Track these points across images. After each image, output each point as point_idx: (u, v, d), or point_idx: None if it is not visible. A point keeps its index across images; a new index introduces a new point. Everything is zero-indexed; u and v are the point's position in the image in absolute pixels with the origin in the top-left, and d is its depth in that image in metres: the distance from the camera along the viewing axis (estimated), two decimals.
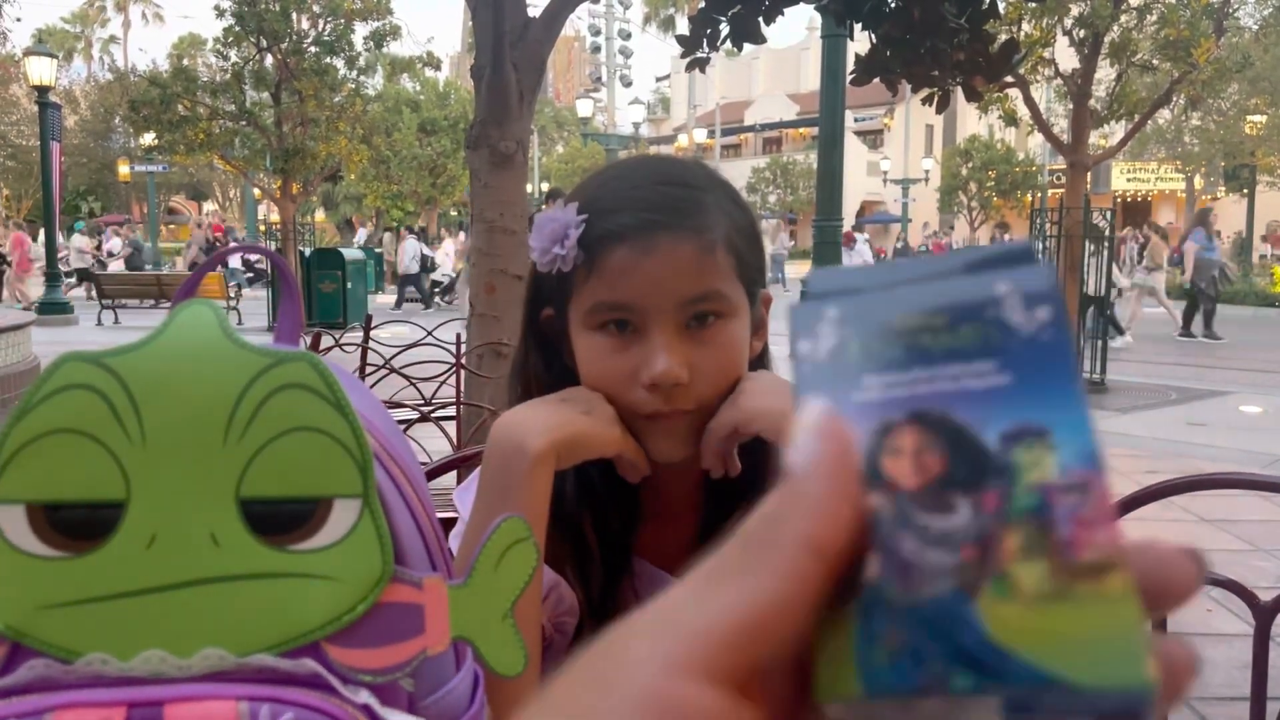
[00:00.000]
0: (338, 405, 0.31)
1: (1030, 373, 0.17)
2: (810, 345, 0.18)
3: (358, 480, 0.31)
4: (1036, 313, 0.17)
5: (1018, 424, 0.17)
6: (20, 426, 0.29)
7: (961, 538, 0.16)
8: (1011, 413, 0.17)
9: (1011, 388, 0.17)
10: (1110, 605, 0.15)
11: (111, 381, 0.30)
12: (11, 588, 0.29)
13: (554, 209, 0.58)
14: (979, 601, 0.16)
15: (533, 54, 2.52)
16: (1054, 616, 0.15)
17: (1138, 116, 7.30)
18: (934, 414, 0.17)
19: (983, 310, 0.17)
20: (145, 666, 0.29)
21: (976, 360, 0.17)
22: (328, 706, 0.30)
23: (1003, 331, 0.17)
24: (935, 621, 0.16)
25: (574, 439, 0.53)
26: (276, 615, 0.30)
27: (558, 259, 0.57)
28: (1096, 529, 0.16)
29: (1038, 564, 0.16)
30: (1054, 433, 0.16)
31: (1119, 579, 0.15)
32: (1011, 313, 0.17)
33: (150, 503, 0.30)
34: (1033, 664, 0.15)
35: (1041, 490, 0.16)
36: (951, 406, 0.17)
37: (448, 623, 0.32)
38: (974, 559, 0.16)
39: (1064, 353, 0.17)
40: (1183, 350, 7.67)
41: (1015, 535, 0.16)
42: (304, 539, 0.30)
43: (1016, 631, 0.15)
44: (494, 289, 2.52)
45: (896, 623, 0.16)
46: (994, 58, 2.39)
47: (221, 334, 0.31)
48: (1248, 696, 0.78)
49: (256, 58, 9.28)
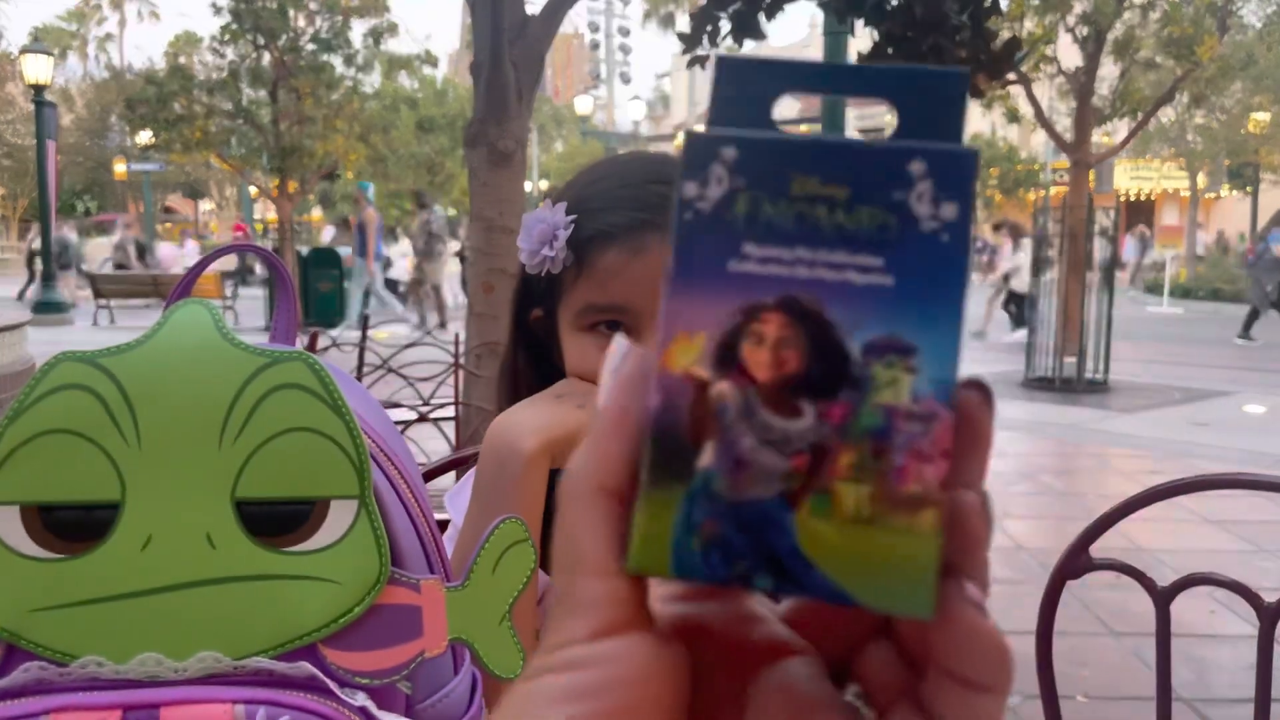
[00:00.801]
0: (334, 406, 0.30)
1: (917, 279, 0.16)
2: (697, 188, 0.16)
3: (354, 481, 0.30)
4: (944, 208, 0.16)
5: (887, 336, 0.16)
6: (14, 427, 0.29)
7: (798, 445, 0.16)
8: (885, 321, 0.16)
9: (893, 292, 0.16)
10: (915, 539, 0.16)
11: (106, 381, 0.30)
12: (6, 590, 0.29)
13: (542, 209, 0.57)
14: (797, 513, 0.16)
15: (531, 51, 2.52)
16: (861, 540, 0.16)
17: (1141, 114, 7.28)
18: (805, 306, 0.16)
19: (889, 191, 0.16)
20: (141, 669, 0.29)
21: (866, 251, 0.16)
22: (324, 709, 0.29)
23: (902, 222, 0.16)
24: (753, 523, 0.16)
25: (568, 437, 0.53)
26: (273, 617, 0.30)
27: (546, 260, 0.56)
28: (926, 464, 0.16)
29: (862, 487, 0.16)
30: (920, 353, 0.16)
31: (930, 516, 0.16)
32: (919, 200, 0.16)
33: (145, 504, 0.30)
34: (830, 580, 0.16)
35: (888, 413, 0.16)
36: (826, 300, 0.16)
37: (445, 625, 0.32)
38: (803, 469, 0.16)
39: (959, 263, 0.16)
40: (1186, 350, 7.66)
41: (850, 453, 0.16)
42: (300, 540, 0.30)
43: (824, 548, 0.16)
44: (492, 288, 2.51)
45: (716, 515, 0.16)
46: (996, 55, 2.38)
47: (217, 333, 0.31)
48: (1251, 699, 0.78)
49: (253, 55, 9.28)
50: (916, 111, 0.17)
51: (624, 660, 0.16)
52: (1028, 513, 3.26)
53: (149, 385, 0.30)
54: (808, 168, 0.16)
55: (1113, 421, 4.84)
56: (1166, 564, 2.57)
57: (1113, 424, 4.78)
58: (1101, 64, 6.91)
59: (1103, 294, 5.57)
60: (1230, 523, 3.00)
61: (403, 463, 0.35)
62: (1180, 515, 2.95)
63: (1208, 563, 0.85)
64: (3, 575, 0.29)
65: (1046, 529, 3.08)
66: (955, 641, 0.16)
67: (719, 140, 0.17)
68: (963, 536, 0.16)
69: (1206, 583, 0.78)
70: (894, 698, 0.17)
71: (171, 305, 0.32)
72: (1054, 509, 3.37)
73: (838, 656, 0.18)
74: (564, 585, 0.17)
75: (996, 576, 0.14)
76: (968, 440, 0.16)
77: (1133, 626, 2.21)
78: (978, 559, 0.16)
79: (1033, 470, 3.93)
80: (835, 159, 0.16)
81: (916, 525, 0.16)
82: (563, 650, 0.16)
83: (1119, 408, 5.21)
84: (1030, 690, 0.81)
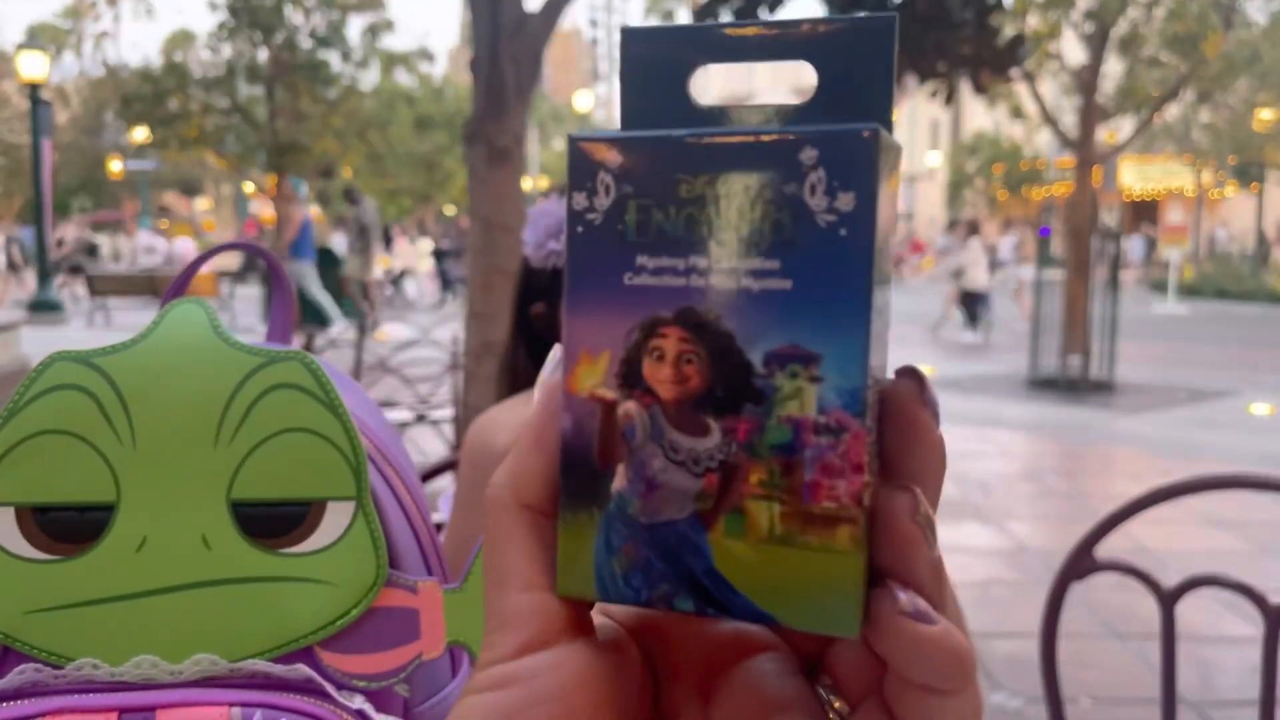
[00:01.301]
0: (331, 406, 0.30)
1: (816, 280, 0.15)
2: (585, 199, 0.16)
3: (351, 483, 0.30)
4: (840, 199, 0.15)
5: (788, 344, 0.15)
6: (9, 428, 0.29)
7: (707, 463, 0.16)
8: (785, 329, 0.15)
9: (792, 296, 0.15)
10: (832, 557, 0.15)
11: (101, 381, 0.29)
12: (1, 592, 0.29)
13: (549, 202, 0.57)
14: (711, 533, 0.16)
15: (530, 48, 2.51)
16: (777, 559, 0.15)
17: (1146, 111, 7.25)
18: (702, 318, 0.15)
19: (781, 185, 0.15)
20: (136, 671, 0.29)
21: (760, 254, 0.15)
22: (321, 712, 0.29)
23: (796, 219, 0.15)
24: (668, 544, 0.16)
25: None
26: (269, 619, 0.29)
27: (553, 254, 0.56)
28: (838, 478, 0.15)
29: (773, 505, 0.15)
30: (823, 361, 0.15)
31: (848, 532, 0.15)
32: (811, 193, 0.15)
33: (140, 505, 0.29)
34: (751, 601, 0.16)
35: (794, 426, 0.15)
36: (724, 310, 0.15)
37: (443, 627, 0.31)
38: (714, 488, 0.16)
39: (859, 260, 0.15)
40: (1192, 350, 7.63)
41: (758, 470, 0.15)
42: (297, 542, 0.30)
43: (741, 568, 0.15)
44: (490, 287, 2.51)
45: (633, 537, 0.16)
46: (1001, 52, 2.37)
47: (212, 333, 0.30)
48: (1257, 700, 0.77)
49: (250, 52, 9.28)
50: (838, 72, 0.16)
51: (552, 673, 0.16)
52: (1032, 513, 3.25)
53: (144, 385, 0.29)
54: (695, 167, 0.15)
55: (1118, 422, 4.82)
56: (1171, 565, 2.56)
57: (1118, 424, 4.76)
58: (1106, 61, 6.87)
59: (1108, 293, 5.55)
60: (1236, 524, 2.99)
61: (400, 464, 0.35)
62: (1185, 516, 2.94)
63: (1213, 564, 0.84)
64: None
65: (1051, 530, 3.07)
66: (898, 652, 0.15)
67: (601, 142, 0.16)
68: (892, 541, 0.15)
69: (1212, 584, 0.77)
70: (864, 693, 0.17)
71: (167, 304, 0.31)
72: (1058, 510, 3.36)
73: (808, 652, 0.18)
74: (491, 600, 0.17)
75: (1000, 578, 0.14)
76: (904, 437, 0.15)
77: (1138, 628, 2.20)
78: (916, 562, 0.15)
79: (1037, 471, 3.92)
80: (722, 155, 0.15)
81: (833, 542, 0.15)
82: (490, 669, 0.16)
83: (1124, 408, 5.19)
84: (1035, 693, 0.81)
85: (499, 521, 0.17)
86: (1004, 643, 2.12)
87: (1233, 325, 8.91)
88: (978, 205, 21.23)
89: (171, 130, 9.07)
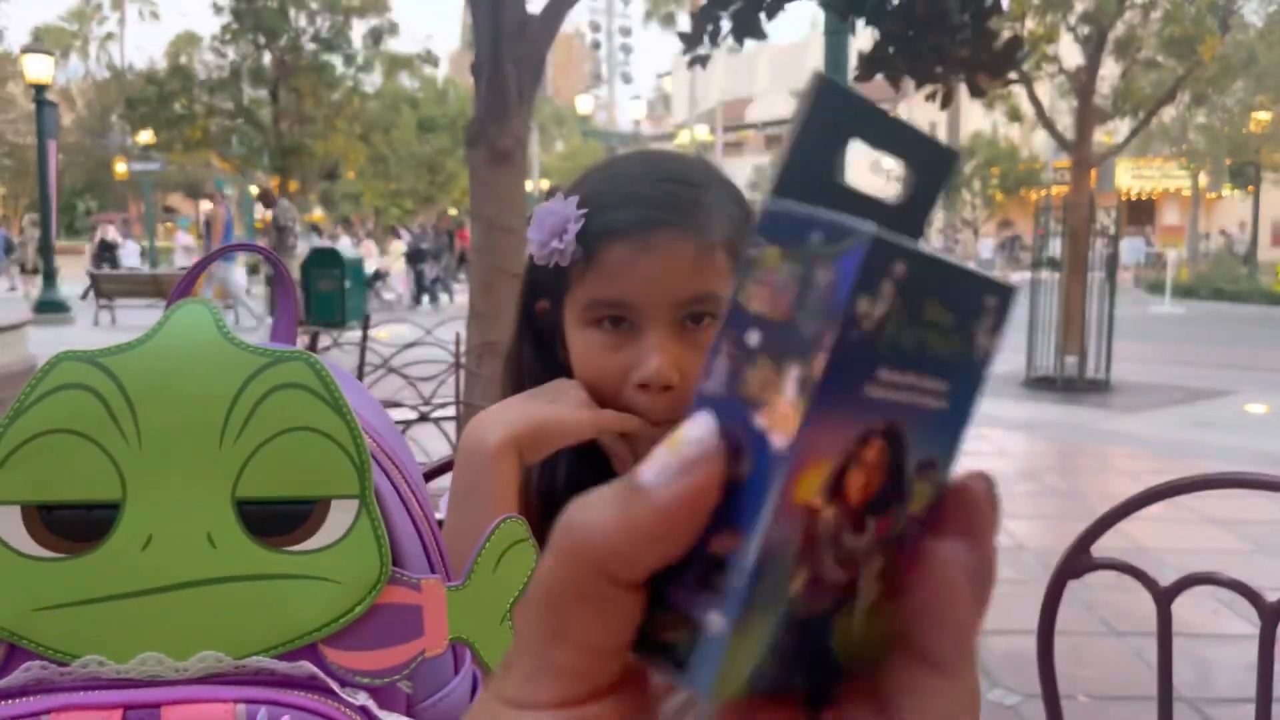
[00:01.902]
0: (335, 405, 0.30)
1: (958, 400, 0.17)
2: (868, 304, 0.15)
3: (355, 481, 0.30)
4: (993, 339, 0.17)
5: (929, 455, 0.17)
6: (15, 427, 0.29)
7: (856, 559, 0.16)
8: (933, 442, 0.17)
9: (944, 415, 0.17)
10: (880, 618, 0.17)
11: (107, 381, 0.30)
12: (7, 589, 0.29)
13: (554, 201, 0.57)
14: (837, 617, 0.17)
15: (532, 50, 2.52)
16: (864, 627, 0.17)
17: (1142, 113, 7.27)
18: (901, 432, 0.16)
19: (971, 320, 0.16)
20: (142, 669, 0.29)
21: (939, 376, 0.16)
22: (325, 709, 0.29)
23: (966, 348, 0.17)
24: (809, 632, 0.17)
25: (535, 430, 0.53)
26: (273, 617, 0.30)
27: (556, 252, 0.56)
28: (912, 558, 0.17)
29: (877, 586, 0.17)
30: (938, 464, 0.17)
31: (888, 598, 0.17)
32: (984, 329, 0.17)
33: (146, 503, 0.30)
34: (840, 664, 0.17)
35: (909, 520, 0.17)
36: (910, 425, 0.16)
37: (446, 624, 0.32)
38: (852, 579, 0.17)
39: (984, 380, 0.17)
40: (1188, 350, 7.65)
41: (879, 559, 0.17)
42: (301, 540, 0.30)
43: (843, 640, 0.17)
44: (491, 287, 2.51)
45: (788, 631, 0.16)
46: (998, 54, 2.38)
47: (218, 333, 0.31)
48: (1253, 698, 0.77)
49: (254, 55, 9.29)
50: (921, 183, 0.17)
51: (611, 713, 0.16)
52: (1029, 512, 3.25)
53: (150, 385, 0.30)
54: (939, 291, 0.16)
55: (1114, 421, 4.83)
56: (1168, 564, 2.57)
57: (1114, 423, 4.77)
58: (1103, 63, 6.89)
59: (1104, 293, 5.56)
60: (1232, 522, 3.00)
61: (403, 462, 0.35)
62: (1182, 515, 2.95)
63: (1209, 562, 0.85)
64: (4, 575, 0.29)
65: (1048, 529, 3.08)
66: (929, 592, 0.16)
67: (896, 252, 0.15)
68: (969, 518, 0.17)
69: (1208, 582, 0.78)
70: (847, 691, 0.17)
71: (172, 304, 0.32)
72: (1055, 509, 3.37)
73: None
74: (539, 647, 0.16)
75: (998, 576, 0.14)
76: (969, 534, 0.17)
77: (1134, 626, 2.21)
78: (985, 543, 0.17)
79: (1034, 470, 3.93)
80: (955, 285, 0.16)
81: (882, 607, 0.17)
82: (526, 713, 0.15)
83: (1121, 407, 5.20)
84: (1032, 689, 0.81)
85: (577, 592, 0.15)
86: (1001, 640, 2.12)
87: (1229, 325, 8.93)
88: (975, 207, 21.27)
89: (176, 132, 9.09)
